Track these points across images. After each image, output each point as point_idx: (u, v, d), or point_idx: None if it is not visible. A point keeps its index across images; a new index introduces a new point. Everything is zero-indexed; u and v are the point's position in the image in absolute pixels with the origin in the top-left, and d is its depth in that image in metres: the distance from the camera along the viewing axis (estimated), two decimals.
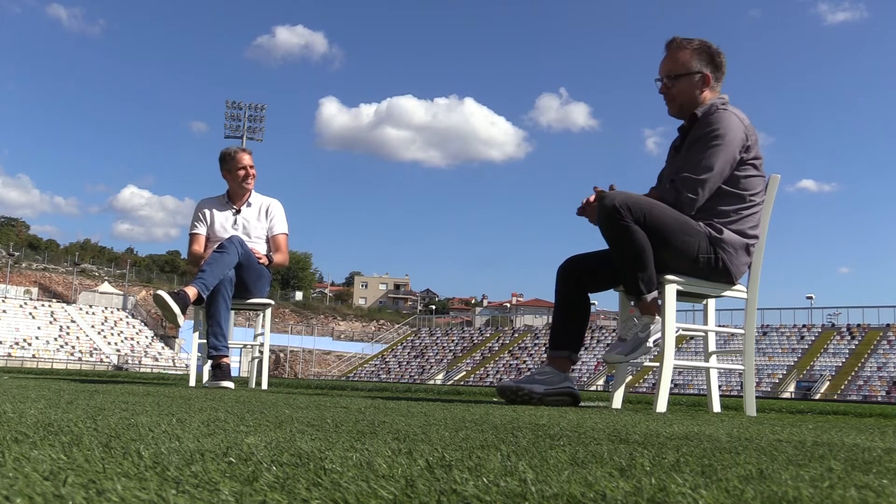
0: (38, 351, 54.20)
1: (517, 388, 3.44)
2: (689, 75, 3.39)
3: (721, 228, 3.29)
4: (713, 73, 3.40)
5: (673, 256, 3.26)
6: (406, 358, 60.21)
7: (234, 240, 4.91)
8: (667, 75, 3.43)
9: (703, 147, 3.26)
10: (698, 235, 3.25)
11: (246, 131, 52.13)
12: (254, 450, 1.07)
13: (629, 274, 3.27)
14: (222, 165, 5.41)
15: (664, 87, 3.45)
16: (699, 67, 3.39)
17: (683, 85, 3.40)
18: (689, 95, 3.40)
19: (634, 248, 3.20)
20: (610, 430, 1.79)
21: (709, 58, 3.41)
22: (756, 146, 3.34)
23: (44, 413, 1.69)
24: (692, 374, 39.31)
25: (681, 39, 3.44)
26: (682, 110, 3.45)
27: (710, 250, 3.27)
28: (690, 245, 3.25)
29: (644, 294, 3.28)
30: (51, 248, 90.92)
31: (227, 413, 1.96)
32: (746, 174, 3.31)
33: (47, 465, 0.85)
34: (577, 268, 3.56)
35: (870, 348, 44.46)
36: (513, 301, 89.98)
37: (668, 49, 3.46)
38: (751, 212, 3.35)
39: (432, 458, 1.06)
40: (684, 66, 3.40)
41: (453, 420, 2.01)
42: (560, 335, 3.51)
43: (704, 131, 3.28)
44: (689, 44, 3.42)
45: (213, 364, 4.97)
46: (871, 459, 1.26)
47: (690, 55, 3.40)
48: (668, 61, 3.44)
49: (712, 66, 3.40)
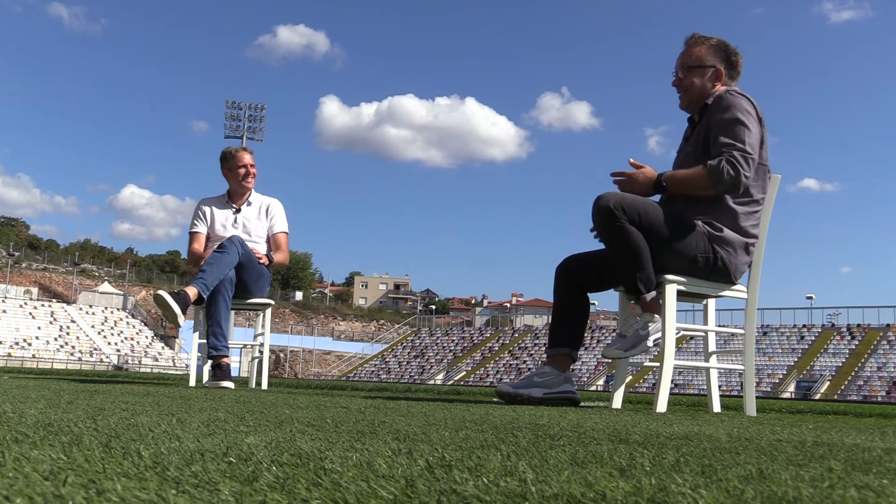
0: (38, 351, 54.19)
1: (515, 393, 3.44)
2: (702, 68, 3.42)
3: (721, 227, 3.28)
4: (727, 70, 3.43)
5: (671, 256, 3.26)
6: (406, 358, 60.21)
7: (235, 240, 4.91)
8: (680, 66, 3.47)
9: (736, 129, 3.20)
10: (696, 234, 3.25)
11: (246, 131, 52.10)
12: (254, 450, 1.07)
13: (627, 274, 3.27)
14: (223, 164, 5.42)
15: (677, 79, 3.48)
16: (713, 62, 3.42)
17: (696, 77, 3.43)
18: (700, 88, 3.42)
19: (631, 249, 3.20)
20: (610, 430, 1.79)
21: (724, 55, 3.44)
22: (766, 137, 3.35)
23: (44, 413, 1.69)
24: (692, 374, 39.31)
25: (699, 36, 3.49)
26: (692, 103, 3.46)
27: (708, 249, 3.26)
28: (688, 244, 3.25)
29: (643, 294, 3.28)
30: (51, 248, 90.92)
31: (227, 413, 1.96)
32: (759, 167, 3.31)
33: (47, 465, 0.85)
34: (575, 266, 3.56)
35: (870, 348, 44.46)
36: (513, 301, 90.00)
37: (686, 44, 3.50)
38: (752, 210, 3.35)
39: (432, 458, 1.06)
40: (698, 59, 3.44)
41: (453, 420, 2.01)
42: (559, 333, 3.51)
43: (724, 114, 3.25)
44: (707, 40, 3.47)
45: (213, 364, 4.97)
46: (871, 459, 1.26)
47: (706, 50, 3.44)
48: (684, 55, 3.48)
49: (726, 63, 3.43)
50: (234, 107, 52.62)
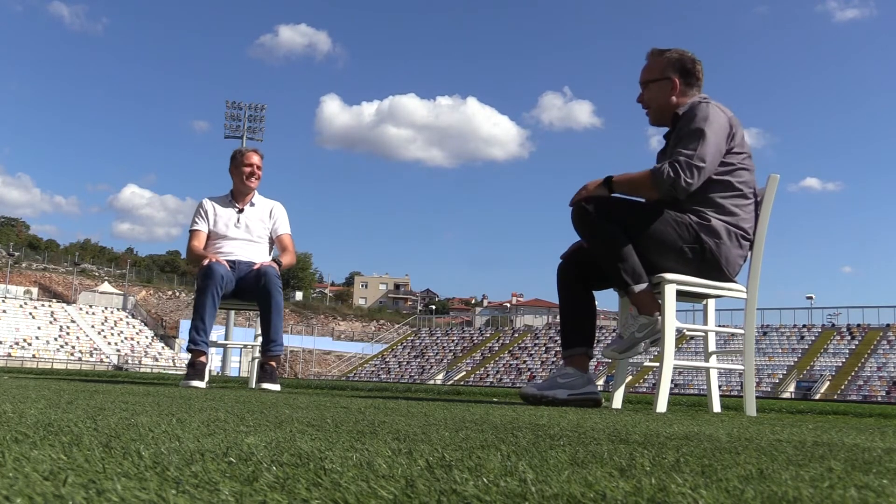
0: (38, 351, 54.18)
1: (541, 395, 3.44)
2: (658, 81, 3.47)
3: (709, 217, 3.30)
4: (683, 79, 3.45)
5: (656, 249, 3.27)
6: (406, 358, 60.20)
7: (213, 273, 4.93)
8: (641, 84, 3.52)
9: (691, 137, 3.28)
10: (681, 225, 3.26)
11: (246, 131, 52.17)
12: (254, 450, 1.07)
13: (611, 267, 3.30)
14: (232, 162, 5.50)
15: (639, 97, 3.53)
16: (668, 74, 3.46)
17: (653, 91, 3.48)
18: (659, 101, 3.47)
19: (608, 241, 3.26)
20: (610, 430, 1.79)
21: (679, 65, 3.46)
22: (742, 139, 3.36)
23: (44, 413, 1.69)
24: (692, 374, 39.29)
25: (656, 50, 3.55)
26: (657, 117, 3.51)
27: (695, 239, 3.27)
28: (672, 235, 3.26)
29: (631, 285, 3.28)
30: (51, 248, 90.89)
31: (227, 413, 1.96)
32: (736, 166, 3.33)
33: (47, 465, 0.85)
34: (576, 264, 3.56)
35: (870, 348, 44.45)
36: (513, 301, 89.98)
37: (647, 59, 3.56)
38: (741, 202, 3.36)
39: (432, 458, 1.06)
40: (654, 72, 3.49)
41: (453, 420, 2.01)
42: (572, 333, 3.51)
43: (689, 124, 3.30)
44: (662, 53, 3.51)
45: (189, 362, 5.01)
46: (871, 459, 1.26)
47: (661, 63, 3.48)
48: (643, 71, 3.54)
49: (682, 73, 3.46)
50: (234, 107, 52.68)
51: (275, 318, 5.02)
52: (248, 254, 5.26)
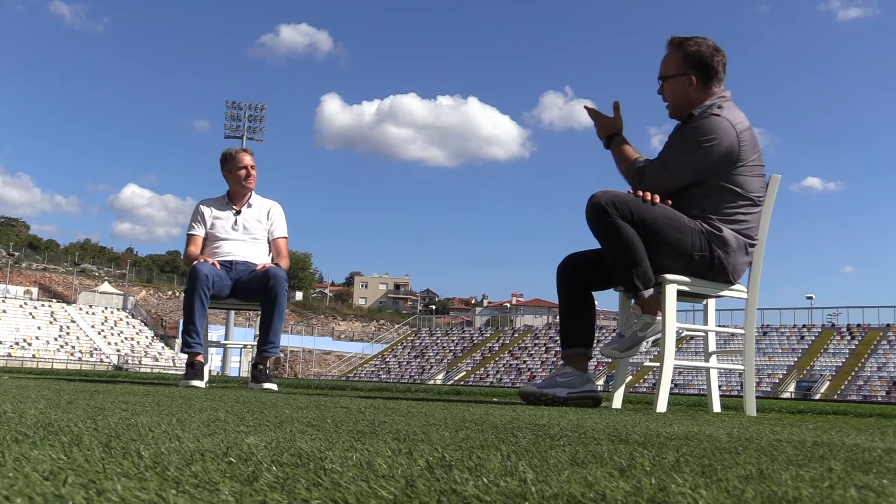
0: (38, 351, 54.20)
1: (540, 393, 3.43)
2: (676, 77, 3.40)
3: (720, 227, 3.29)
4: (701, 75, 3.36)
5: (667, 254, 3.26)
6: (406, 358, 60.20)
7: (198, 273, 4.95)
8: (659, 77, 3.47)
9: (679, 150, 3.30)
10: (692, 232, 3.25)
11: (246, 131, 52.16)
12: (254, 450, 1.07)
13: (623, 271, 3.28)
14: (223, 166, 5.42)
15: (659, 88, 3.49)
16: (685, 70, 3.38)
17: (671, 87, 3.43)
18: (678, 98, 3.41)
19: (624, 244, 3.22)
20: (610, 430, 1.79)
21: (698, 61, 3.37)
22: (753, 150, 3.32)
23: (44, 413, 1.69)
24: (692, 374, 39.30)
25: (678, 40, 3.43)
26: (676, 112, 3.47)
27: (705, 248, 3.27)
28: (682, 241, 3.25)
29: (641, 290, 3.28)
30: (51, 248, 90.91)
31: (227, 413, 1.96)
32: (748, 175, 3.31)
33: (47, 465, 0.85)
34: (577, 265, 3.56)
35: (870, 348, 44.45)
36: (513, 301, 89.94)
37: (667, 48, 3.48)
38: (752, 212, 3.35)
39: (432, 458, 1.06)
40: (671, 68, 3.42)
41: (453, 420, 2.01)
42: (571, 334, 3.51)
43: (688, 135, 3.31)
44: (683, 45, 3.41)
45: (187, 362, 5.03)
46: (871, 459, 1.26)
47: (680, 57, 3.40)
48: (662, 64, 3.46)
49: (700, 68, 3.37)
50: (233, 107, 52.67)
51: (276, 320, 5.02)
52: (246, 254, 5.25)
